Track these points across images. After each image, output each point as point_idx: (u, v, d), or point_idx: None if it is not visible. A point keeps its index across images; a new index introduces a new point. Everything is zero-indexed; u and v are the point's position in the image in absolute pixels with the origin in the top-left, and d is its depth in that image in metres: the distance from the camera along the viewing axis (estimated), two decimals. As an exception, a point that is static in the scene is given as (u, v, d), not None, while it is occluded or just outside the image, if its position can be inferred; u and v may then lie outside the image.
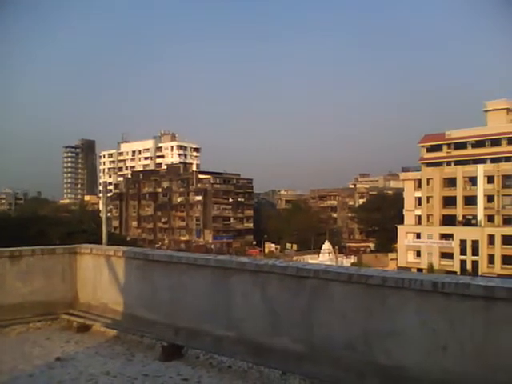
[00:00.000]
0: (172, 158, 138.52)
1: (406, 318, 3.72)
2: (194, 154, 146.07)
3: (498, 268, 65.29)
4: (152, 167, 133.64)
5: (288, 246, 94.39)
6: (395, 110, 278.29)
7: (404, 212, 78.95)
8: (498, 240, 66.54)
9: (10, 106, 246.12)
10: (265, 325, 4.60)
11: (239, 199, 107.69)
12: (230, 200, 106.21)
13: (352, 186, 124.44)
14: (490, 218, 70.01)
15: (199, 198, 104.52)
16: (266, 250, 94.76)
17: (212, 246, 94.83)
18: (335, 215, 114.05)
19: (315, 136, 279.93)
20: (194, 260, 5.38)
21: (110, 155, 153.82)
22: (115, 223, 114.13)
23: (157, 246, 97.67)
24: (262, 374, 4.43)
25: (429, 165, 77.39)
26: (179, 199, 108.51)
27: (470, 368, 3.43)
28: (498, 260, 66.42)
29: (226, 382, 4.43)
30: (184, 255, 5.74)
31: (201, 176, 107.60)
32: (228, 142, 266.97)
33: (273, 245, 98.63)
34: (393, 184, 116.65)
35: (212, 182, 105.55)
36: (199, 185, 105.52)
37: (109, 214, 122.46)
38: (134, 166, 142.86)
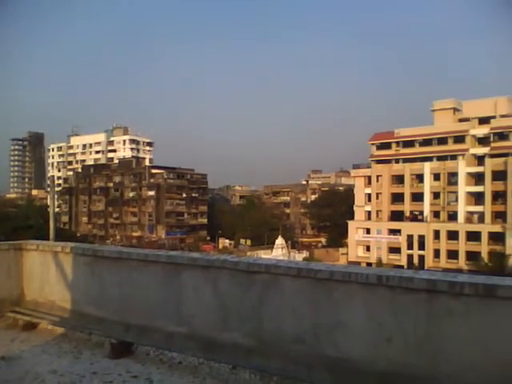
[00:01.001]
0: (124, 152, 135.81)
1: (353, 311, 3.81)
2: (147, 148, 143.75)
3: (443, 262, 68.00)
4: (103, 161, 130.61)
5: (242, 241, 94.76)
6: (348, 108, 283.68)
7: (354, 208, 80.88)
8: (443, 235, 69.30)
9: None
10: (216, 320, 4.61)
11: (193, 194, 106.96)
12: (184, 195, 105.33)
13: (305, 183, 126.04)
14: (436, 214, 72.76)
15: (152, 193, 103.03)
16: (220, 246, 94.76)
17: (165, 242, 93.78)
18: (288, 211, 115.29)
19: (269, 132, 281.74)
20: (145, 256, 5.31)
21: (60, 148, 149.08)
22: (64, 219, 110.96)
23: (108, 242, 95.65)
24: (213, 369, 4.45)
25: (378, 162, 79.45)
26: (131, 194, 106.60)
27: (414, 359, 3.55)
28: (443, 254, 69.18)
29: (177, 378, 4.42)
30: (134, 251, 5.67)
31: (154, 171, 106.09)
32: (182, 137, 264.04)
33: (227, 240, 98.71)
34: (344, 180, 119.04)
35: (165, 176, 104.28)
36: (152, 180, 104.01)
37: (57, 209, 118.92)
38: (84, 160, 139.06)
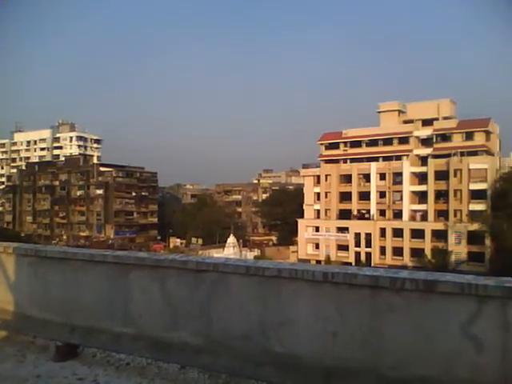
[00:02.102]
0: (71, 149, 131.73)
1: (300, 308, 3.89)
2: (95, 145, 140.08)
3: (389, 259, 70.19)
4: (49, 159, 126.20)
5: (193, 240, 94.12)
6: (298, 109, 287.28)
7: (304, 206, 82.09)
8: (388, 233, 71.53)
9: None
10: (164, 320, 4.58)
11: (143, 193, 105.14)
12: (134, 194, 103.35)
13: (256, 182, 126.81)
14: (382, 213, 74.99)
15: (100, 191, 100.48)
16: (171, 245, 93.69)
17: (114, 242, 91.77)
18: (240, 209, 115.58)
19: (220, 131, 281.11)
20: (91, 256, 5.20)
21: (3, 145, 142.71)
22: (8, 218, 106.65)
23: (54, 242, 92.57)
24: (161, 369, 4.43)
25: (327, 162, 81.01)
26: (78, 193, 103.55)
27: (359, 353, 3.66)
28: (389, 251, 71.41)
29: (124, 380, 4.37)
30: (80, 251, 5.53)
31: (102, 169, 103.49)
32: (132, 135, 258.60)
33: (178, 239, 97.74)
34: (294, 180, 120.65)
35: (114, 175, 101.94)
36: (100, 178, 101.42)
37: (0, 209, 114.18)
38: (28, 157, 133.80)
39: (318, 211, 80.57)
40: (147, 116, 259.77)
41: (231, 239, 68.10)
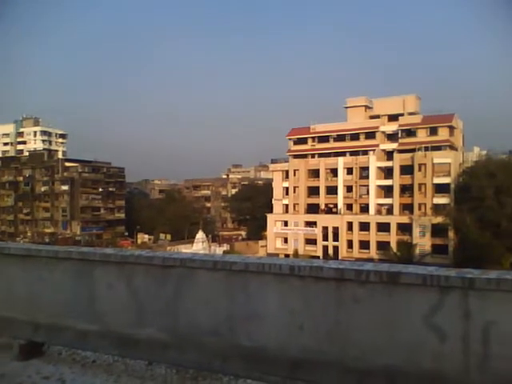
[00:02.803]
0: (35, 144, 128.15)
1: (267, 301, 3.91)
2: (60, 140, 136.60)
3: (356, 252, 71.32)
4: (12, 154, 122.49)
5: (162, 236, 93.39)
6: (268, 104, 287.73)
7: (273, 201, 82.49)
8: (355, 226, 72.64)
9: None
10: (130, 316, 4.53)
11: (110, 189, 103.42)
12: (100, 190, 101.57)
13: (225, 177, 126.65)
14: (349, 207, 76.08)
15: (66, 187, 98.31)
16: (139, 241, 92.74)
17: (80, 238, 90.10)
18: (209, 205, 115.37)
19: (188, 126, 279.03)
20: (55, 253, 5.09)
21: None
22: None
23: (18, 239, 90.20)
24: (128, 366, 4.40)
25: (295, 157, 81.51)
26: (43, 188, 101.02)
27: (325, 345, 3.70)
28: (356, 245, 72.55)
29: (90, 377, 4.32)
30: (44, 248, 5.41)
31: (67, 164, 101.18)
32: (98, 130, 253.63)
33: (146, 235, 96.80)
34: (263, 175, 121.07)
35: (80, 170, 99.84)
36: (66, 173, 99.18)
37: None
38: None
39: (287, 206, 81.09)
40: (114, 111, 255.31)
41: (200, 234, 67.77)
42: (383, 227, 70.22)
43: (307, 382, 3.71)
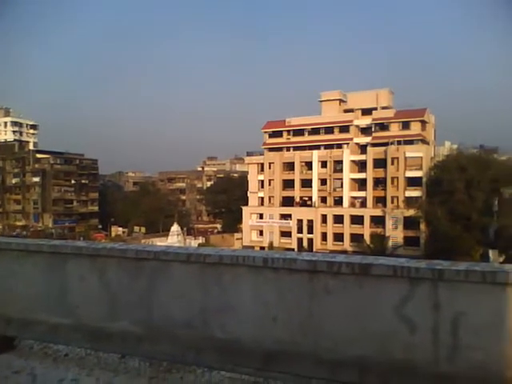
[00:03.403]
0: (5, 135, 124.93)
1: (241, 293, 3.92)
2: (31, 131, 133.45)
3: (330, 244, 71.99)
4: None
5: (136, 228, 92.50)
6: (243, 97, 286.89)
7: (248, 194, 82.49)
8: (330, 219, 73.27)
9: None
10: (103, 309, 4.50)
11: (83, 181, 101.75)
12: (73, 182, 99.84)
13: (200, 169, 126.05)
14: (323, 200, 76.63)
15: (37, 179, 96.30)
16: (113, 234, 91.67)
17: (52, 231, 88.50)
18: (184, 197, 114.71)
19: (163, 118, 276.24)
20: (25, 246, 5.00)
21: None
22: None
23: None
24: (101, 359, 4.37)
25: (271, 150, 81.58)
26: (14, 180, 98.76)
27: (298, 336, 3.73)
28: (330, 237, 73.21)
29: (62, 371, 4.27)
30: (14, 241, 5.31)
31: (39, 155, 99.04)
32: (70, 121, 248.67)
33: (120, 228, 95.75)
34: (239, 167, 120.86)
35: (52, 162, 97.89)
36: (37, 165, 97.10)
37: None
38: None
39: (262, 198, 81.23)
40: (87, 102, 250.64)
41: (175, 227, 67.30)
42: (357, 220, 71.03)
43: (280, 373, 3.75)
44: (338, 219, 72.58)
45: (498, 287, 3.24)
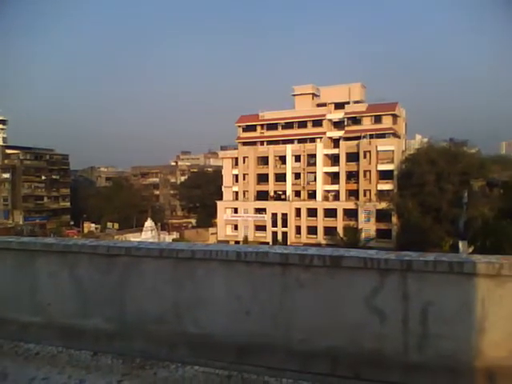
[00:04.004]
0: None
1: (214, 288, 3.93)
2: (0, 126, 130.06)
3: (304, 238, 72.49)
4: None
5: (109, 224, 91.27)
6: (218, 90, 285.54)
7: (223, 188, 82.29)
8: (303, 213, 73.75)
9: None
10: (74, 306, 4.45)
11: (53, 177, 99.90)
12: (43, 177, 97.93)
13: (174, 164, 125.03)
14: (297, 193, 77.03)
15: (6, 175, 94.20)
16: (86, 230, 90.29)
17: (23, 228, 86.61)
18: (157, 192, 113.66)
19: (136, 112, 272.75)
20: (-6, 243, 4.91)
21: None
22: None
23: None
24: (72, 357, 4.31)
25: (245, 144, 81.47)
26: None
27: (270, 329, 3.77)
28: (304, 230, 73.71)
29: (33, 370, 4.20)
30: (-19, 239, 5.19)
31: (8, 151, 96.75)
32: (40, 115, 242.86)
33: (93, 224, 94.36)
34: (213, 162, 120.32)
35: (22, 157, 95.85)
36: (6, 161, 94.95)
37: None
38: None
39: (237, 193, 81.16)
40: (56, 95, 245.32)
41: (149, 223, 66.70)
42: (330, 213, 71.66)
43: (254, 366, 3.77)
44: (312, 212, 73.10)
45: (465, 277, 3.33)
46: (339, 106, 75.57)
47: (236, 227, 78.79)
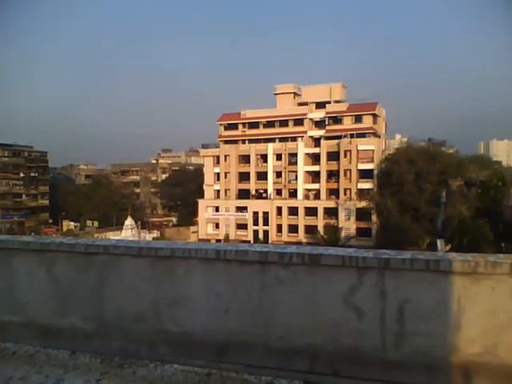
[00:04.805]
0: None
1: (193, 286, 3.93)
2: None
3: (285, 236, 72.72)
4: None
5: (89, 223, 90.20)
6: (199, 89, 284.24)
7: (204, 187, 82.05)
8: (284, 211, 74.00)
9: None
10: (52, 305, 4.41)
11: (32, 174, 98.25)
12: (22, 175, 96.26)
13: (154, 161, 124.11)
14: (279, 192, 77.27)
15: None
16: (65, 229, 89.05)
17: (1, 226, 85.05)
18: (138, 190, 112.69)
19: (117, 109, 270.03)
20: (-31, 242, 4.82)
21: None
22: None
23: None
24: (50, 356, 4.27)
25: (226, 142, 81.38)
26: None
27: (250, 327, 3.78)
28: (285, 229, 73.96)
29: (11, 370, 4.14)
30: (-44, 237, 5.10)
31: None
32: (18, 111, 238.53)
33: (72, 223, 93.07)
34: (194, 160, 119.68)
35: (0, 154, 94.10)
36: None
37: None
38: None
39: (218, 191, 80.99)
40: (35, 93, 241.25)
41: (129, 221, 66.07)
42: (311, 211, 72.05)
43: (233, 364, 3.78)
44: (293, 211, 73.38)
45: (442, 275, 3.38)
46: (320, 105, 75.94)
47: (217, 226, 78.65)
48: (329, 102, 75.66)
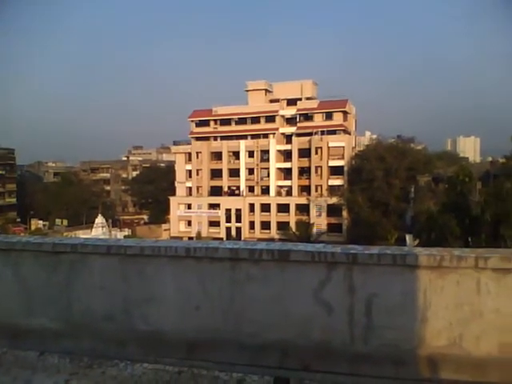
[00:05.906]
0: None
1: (163, 284, 3.92)
2: None
3: (257, 233, 72.91)
4: None
5: (58, 221, 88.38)
6: (170, 85, 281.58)
7: (176, 184, 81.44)
8: (257, 208, 74.16)
9: None
10: (19, 306, 4.32)
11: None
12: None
13: (125, 159, 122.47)
14: (251, 189, 77.31)
15: None
16: (33, 227, 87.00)
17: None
18: (108, 188, 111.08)
19: (85, 105, 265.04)
20: None
21: None
22: None
23: None
24: (18, 357, 4.18)
25: (198, 139, 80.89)
26: None
27: (220, 324, 3.79)
28: (257, 225, 74.13)
29: None
30: None
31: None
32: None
33: (40, 221, 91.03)
34: (165, 157, 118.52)
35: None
36: None
37: None
38: None
39: (190, 188, 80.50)
40: (2, 88, 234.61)
41: (99, 219, 65.06)
42: (283, 208, 72.41)
43: (204, 361, 3.79)
44: (265, 208, 73.59)
45: (408, 269, 3.46)
46: (292, 102, 76.23)
47: (189, 223, 78.22)
48: (300, 99, 76.02)
